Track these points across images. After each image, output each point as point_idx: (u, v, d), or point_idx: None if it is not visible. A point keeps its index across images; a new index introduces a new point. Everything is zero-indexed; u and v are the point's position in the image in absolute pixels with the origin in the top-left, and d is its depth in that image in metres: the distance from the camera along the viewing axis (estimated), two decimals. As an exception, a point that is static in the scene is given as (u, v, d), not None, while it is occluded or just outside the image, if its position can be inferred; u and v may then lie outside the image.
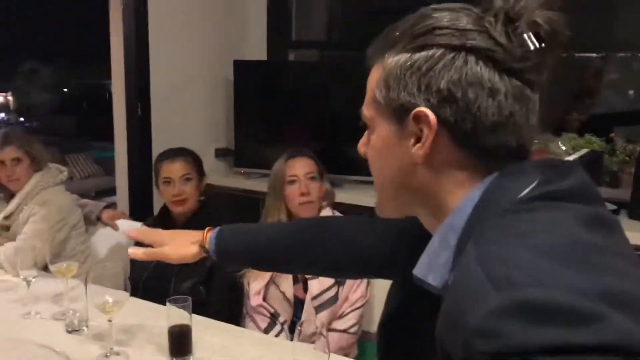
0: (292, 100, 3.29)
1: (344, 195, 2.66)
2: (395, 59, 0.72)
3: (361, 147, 0.83)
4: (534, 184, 0.66)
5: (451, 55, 0.68)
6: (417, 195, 0.75)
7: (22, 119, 19.88)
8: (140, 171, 2.99)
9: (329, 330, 1.94)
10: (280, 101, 3.32)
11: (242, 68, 3.31)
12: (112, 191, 4.16)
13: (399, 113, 0.72)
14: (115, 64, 3.03)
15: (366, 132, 0.81)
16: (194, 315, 1.55)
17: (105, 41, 3.09)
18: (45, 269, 1.84)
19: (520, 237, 0.60)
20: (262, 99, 3.35)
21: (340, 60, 3.70)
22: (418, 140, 0.71)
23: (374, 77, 0.75)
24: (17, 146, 2.32)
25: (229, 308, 2.08)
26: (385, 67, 0.73)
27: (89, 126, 11.73)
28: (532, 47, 0.67)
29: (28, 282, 1.80)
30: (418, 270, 0.73)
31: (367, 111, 0.78)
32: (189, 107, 3.24)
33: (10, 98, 21.68)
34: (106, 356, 1.53)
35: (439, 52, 0.68)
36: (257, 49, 3.49)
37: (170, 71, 3.10)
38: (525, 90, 0.69)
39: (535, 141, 0.74)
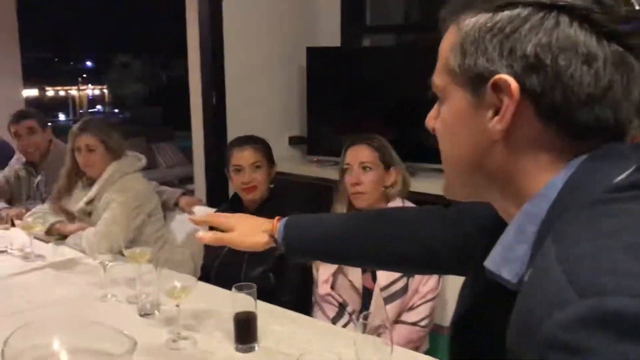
0: (367, 87, 3.23)
1: (418, 184, 2.58)
2: (473, 20, 0.63)
3: (430, 120, 0.74)
4: (631, 169, 0.57)
5: (540, 15, 0.59)
6: (492, 177, 0.66)
7: (116, 110, 21.04)
8: (216, 159, 3.05)
9: (398, 322, 1.88)
10: (355, 88, 3.27)
11: (315, 55, 3.28)
12: (193, 179, 4.30)
13: (476, 82, 0.63)
14: (192, 54, 3.09)
15: (436, 105, 0.72)
16: (262, 303, 1.54)
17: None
18: (121, 253, 1.90)
19: (611, 236, 0.51)
20: (336, 86, 3.31)
21: (418, 44, 3.58)
22: (497, 113, 0.62)
23: (448, 40, 0.67)
24: (92, 134, 2.41)
25: (298, 296, 2.06)
26: (461, 29, 0.64)
27: (173, 117, 12.17)
28: (638, 7, 0.58)
29: (104, 266, 1.87)
30: (491, 263, 0.65)
31: (438, 79, 0.69)
32: (263, 95, 3.26)
33: (105, 91, 22.99)
34: (174, 341, 1.55)
35: (526, 11, 0.60)
36: (330, 35, 3.46)
37: (244, 60, 3.13)
38: (628, 57, 0.59)
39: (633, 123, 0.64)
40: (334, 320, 1.94)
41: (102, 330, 1.42)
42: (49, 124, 3.15)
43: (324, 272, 2.00)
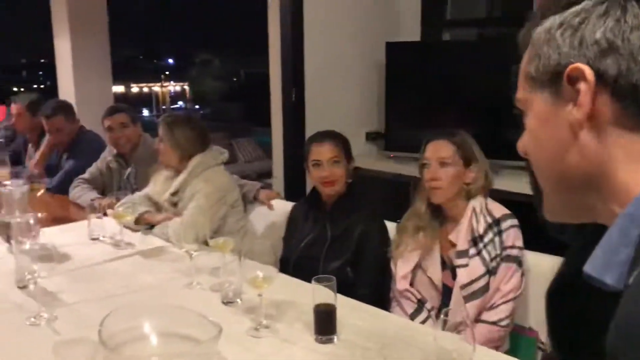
0: (447, 82, 3.18)
1: (501, 182, 2.52)
2: (542, 28, 0.65)
3: (520, 145, 0.74)
4: None
5: (605, 4, 0.60)
6: (587, 177, 0.65)
7: (197, 106, 21.77)
8: (295, 154, 3.10)
9: (479, 321, 1.85)
10: (434, 83, 3.23)
11: (394, 50, 3.26)
12: (272, 174, 4.39)
13: (553, 80, 0.64)
14: (273, 51, 3.15)
15: (525, 131, 0.73)
16: (341, 297, 1.56)
17: (267, 33, 3.23)
18: (206, 243, 1.97)
19: None
20: (415, 81, 3.28)
21: (500, 38, 3.49)
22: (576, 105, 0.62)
23: (525, 58, 0.69)
24: (162, 127, 2.58)
25: (376, 291, 2.07)
26: (534, 40, 0.66)
27: (251, 112, 12.43)
28: None
29: (190, 255, 1.95)
30: (591, 268, 0.62)
31: (520, 93, 0.70)
32: (341, 90, 3.27)
33: (186, 87, 23.82)
34: (256, 329, 1.60)
35: (590, 3, 0.61)
36: (410, 30, 3.43)
37: (323, 56, 3.16)
38: None
39: None
40: (412, 317, 1.93)
41: (189, 316, 1.49)
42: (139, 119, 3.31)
43: (402, 267, 1.99)
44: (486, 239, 1.87)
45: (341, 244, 2.16)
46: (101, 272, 2.09)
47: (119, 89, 19.04)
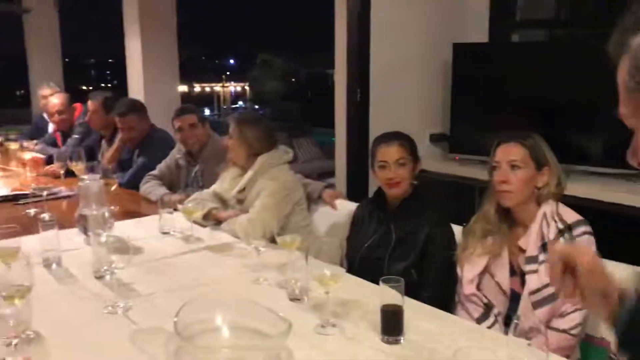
0: (515, 84, 3.12)
1: (571, 187, 2.44)
2: (638, 38, 0.64)
3: (629, 156, 0.73)
4: None
5: None
6: None
7: (256, 106, 22.10)
8: (358, 154, 3.11)
9: (548, 328, 1.80)
10: (502, 85, 3.17)
11: (461, 51, 3.22)
12: (331, 174, 4.42)
13: None
14: (339, 51, 3.16)
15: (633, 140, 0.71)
16: (406, 298, 1.56)
17: (329, 32, 3.25)
18: (272, 240, 2.01)
19: None
20: (482, 82, 3.23)
21: (570, 40, 3.40)
22: None
23: (623, 70, 0.67)
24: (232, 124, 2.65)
25: (441, 294, 2.05)
26: (632, 51, 0.65)
27: (311, 112, 12.50)
28: None
29: (258, 251, 1.99)
30: None
31: (624, 107, 0.69)
32: (406, 91, 3.26)
33: (247, 87, 24.23)
34: (322, 326, 1.62)
35: None
36: (478, 31, 3.37)
37: (389, 56, 3.15)
38: None
39: None
40: (479, 321, 1.91)
41: (259, 311, 1.52)
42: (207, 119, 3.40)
43: (469, 271, 1.97)
44: None
45: (406, 246, 2.15)
46: (172, 265, 2.16)
47: (183, 88, 19.56)
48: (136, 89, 5.72)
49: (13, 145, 4.23)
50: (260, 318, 1.51)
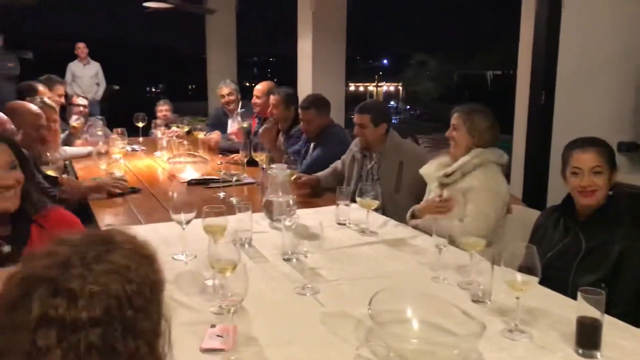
0: None
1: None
2: None
3: None
4: None
5: None
6: None
7: (408, 106, 22.05)
8: (537, 160, 2.98)
9: None
10: None
11: (662, 54, 2.96)
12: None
13: None
14: (522, 50, 3.06)
15: None
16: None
17: (485, 32, 3.16)
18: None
19: None
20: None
21: None
22: None
23: None
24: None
25: (633, 311, 1.91)
26: None
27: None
28: None
29: (440, 249, 2.00)
30: None
31: None
32: (595, 96, 3.06)
33: (400, 88, 24.25)
34: (510, 331, 1.59)
35: None
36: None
37: (579, 59, 2.99)
38: None
39: None
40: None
41: (450, 309, 1.53)
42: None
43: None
44: None
45: (597, 258, 2.03)
46: (351, 255, 2.24)
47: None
48: (305, 86, 6.00)
49: (200, 135, 4.63)
50: (450, 316, 1.52)
